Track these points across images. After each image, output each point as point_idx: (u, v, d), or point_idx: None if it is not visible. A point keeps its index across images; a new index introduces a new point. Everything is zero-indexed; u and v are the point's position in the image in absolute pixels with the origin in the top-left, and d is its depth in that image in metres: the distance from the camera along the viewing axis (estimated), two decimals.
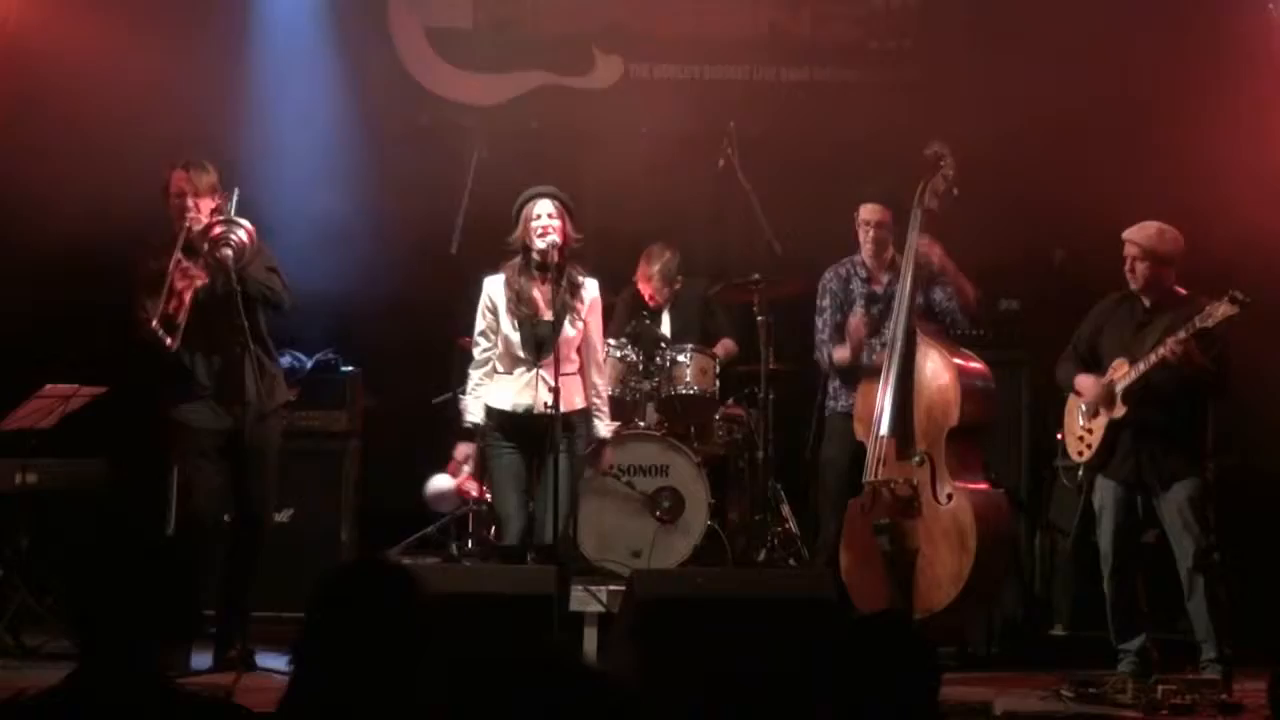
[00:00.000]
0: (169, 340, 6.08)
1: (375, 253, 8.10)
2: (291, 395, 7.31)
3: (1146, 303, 6.42)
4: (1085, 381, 6.44)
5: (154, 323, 6.05)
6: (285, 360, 7.37)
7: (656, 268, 7.87)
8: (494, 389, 6.24)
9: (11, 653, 6.54)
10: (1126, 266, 6.38)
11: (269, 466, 6.38)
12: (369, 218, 8.22)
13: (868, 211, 6.94)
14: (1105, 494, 6.46)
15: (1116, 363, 6.37)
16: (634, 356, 7.53)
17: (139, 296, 6.19)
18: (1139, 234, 6.37)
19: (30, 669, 6.22)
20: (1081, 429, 6.48)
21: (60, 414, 7.02)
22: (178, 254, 6.13)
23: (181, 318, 6.11)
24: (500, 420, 6.22)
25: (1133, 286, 6.41)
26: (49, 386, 7.02)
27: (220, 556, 6.36)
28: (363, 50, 8.55)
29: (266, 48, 8.32)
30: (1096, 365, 6.51)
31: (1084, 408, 6.46)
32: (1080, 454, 6.51)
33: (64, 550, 6.96)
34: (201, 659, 6.23)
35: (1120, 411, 6.31)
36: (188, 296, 6.13)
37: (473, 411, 6.30)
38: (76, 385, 7.05)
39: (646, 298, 7.90)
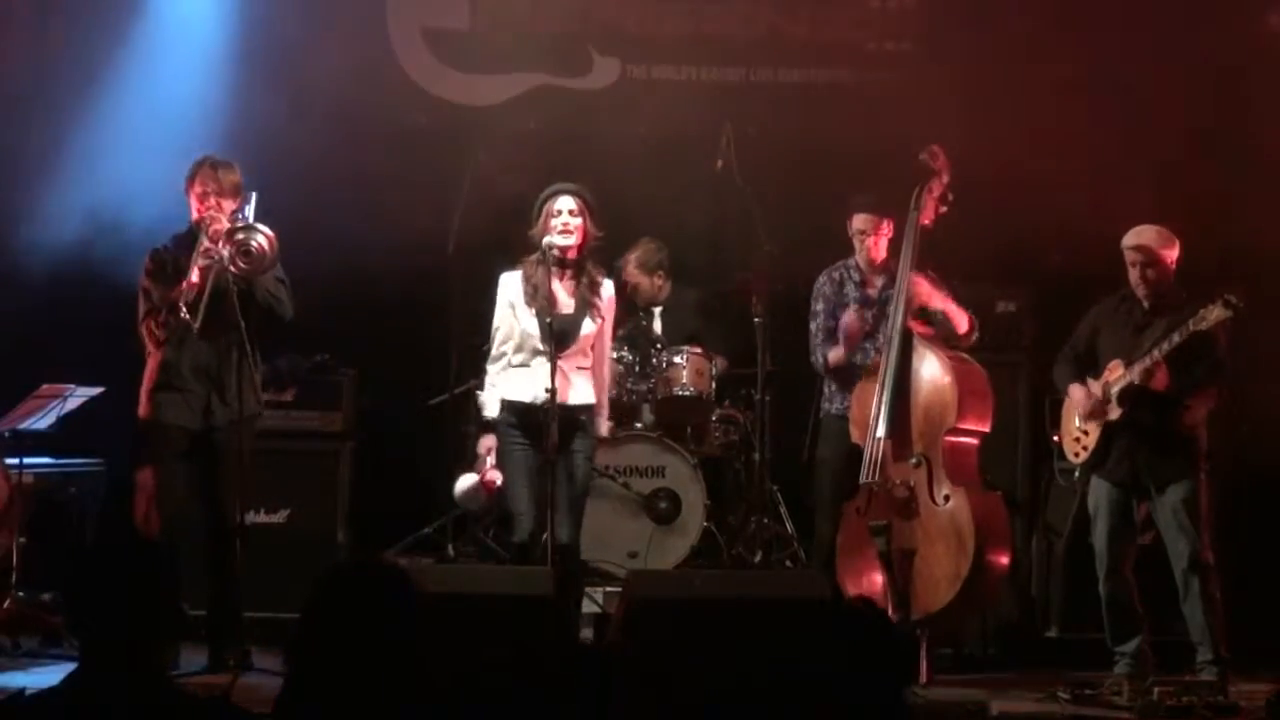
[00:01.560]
0: (192, 321, 6.10)
1: (371, 253, 8.09)
2: (288, 396, 7.33)
3: (1146, 305, 6.42)
4: (1078, 393, 6.45)
5: (180, 304, 6.08)
6: (281, 362, 7.38)
7: (635, 254, 7.88)
8: (512, 381, 6.25)
9: (9, 653, 6.54)
10: (1136, 275, 6.37)
11: (240, 470, 6.28)
12: (365, 218, 8.20)
13: (860, 221, 6.93)
14: (1100, 495, 6.47)
15: (1112, 364, 6.38)
16: (630, 358, 7.53)
17: (148, 288, 6.22)
18: (1143, 239, 6.37)
19: (28, 669, 6.22)
20: (1078, 430, 6.50)
21: (56, 414, 7.02)
22: (203, 239, 6.15)
23: (204, 299, 6.12)
24: (516, 413, 6.22)
25: (1142, 292, 6.40)
26: (45, 386, 7.02)
27: (198, 557, 6.35)
28: (359, 50, 8.54)
29: (259, 46, 8.30)
30: (1094, 365, 6.52)
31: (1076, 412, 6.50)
32: (1076, 455, 6.53)
33: (61, 551, 6.99)
34: (197, 660, 6.23)
35: (1115, 413, 6.33)
36: (209, 278, 6.14)
37: (490, 405, 6.31)
38: (73, 385, 7.05)
39: (628, 289, 7.90)
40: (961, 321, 6.78)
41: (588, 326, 6.25)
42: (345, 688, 2.64)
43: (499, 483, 6.25)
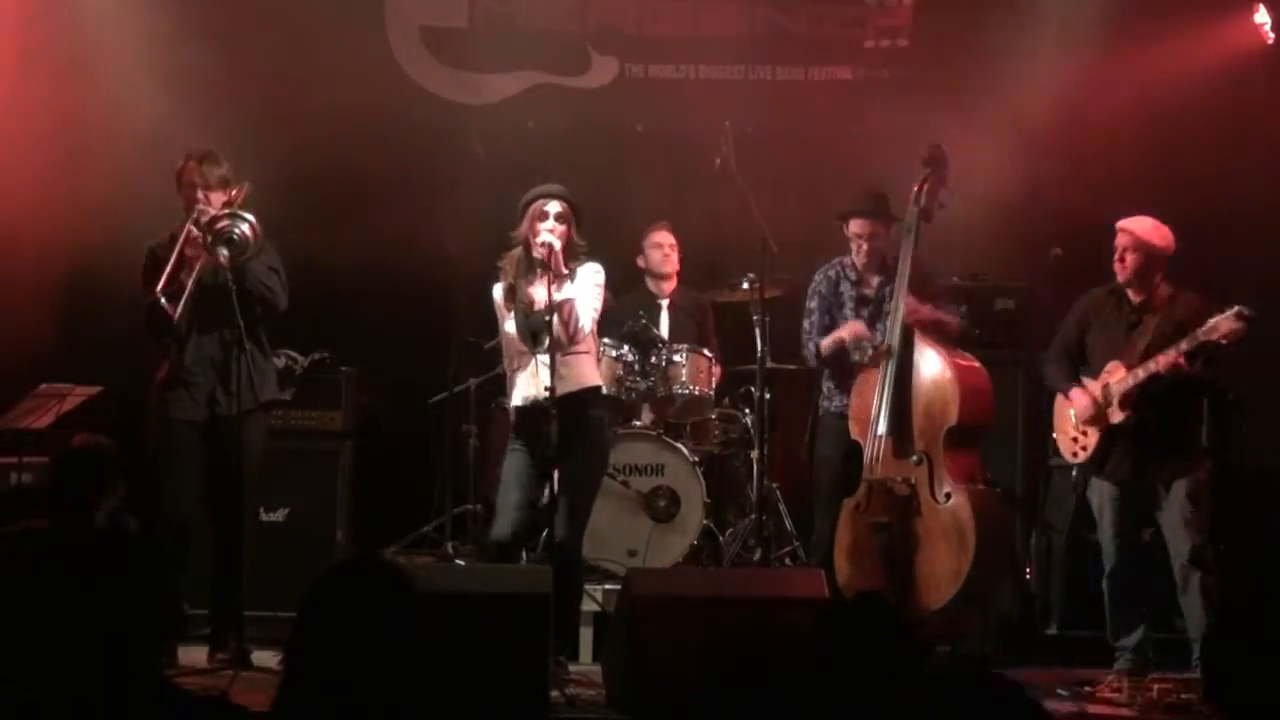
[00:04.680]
0: (171, 309, 6.13)
1: (370, 252, 8.09)
2: (286, 395, 7.31)
3: (1134, 299, 6.41)
4: (1080, 397, 6.42)
5: (157, 289, 6.11)
6: (280, 361, 7.38)
7: (655, 237, 7.89)
8: (513, 386, 6.23)
9: None
10: (1116, 256, 6.39)
11: (249, 464, 6.29)
12: (364, 217, 8.21)
13: (858, 225, 6.91)
14: (1103, 494, 6.46)
15: (1111, 366, 6.36)
16: (630, 356, 7.52)
17: (146, 283, 6.25)
18: (1134, 224, 6.39)
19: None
20: (1076, 430, 6.48)
21: (55, 413, 7.01)
22: (189, 228, 6.19)
23: (189, 289, 6.15)
24: (515, 417, 6.21)
25: (1120, 278, 6.41)
26: (44, 386, 7.02)
27: (207, 555, 6.35)
28: (358, 49, 8.54)
29: (258, 44, 8.30)
30: (1084, 362, 6.51)
31: (1074, 413, 6.47)
32: (1075, 455, 6.51)
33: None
34: (196, 658, 6.22)
35: (1119, 417, 6.31)
36: (196, 265, 6.18)
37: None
38: (71, 385, 7.05)
39: (655, 274, 7.90)
40: (951, 326, 6.77)
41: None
42: (343, 687, 2.64)
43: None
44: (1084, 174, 7.93)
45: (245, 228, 6.12)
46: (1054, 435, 6.72)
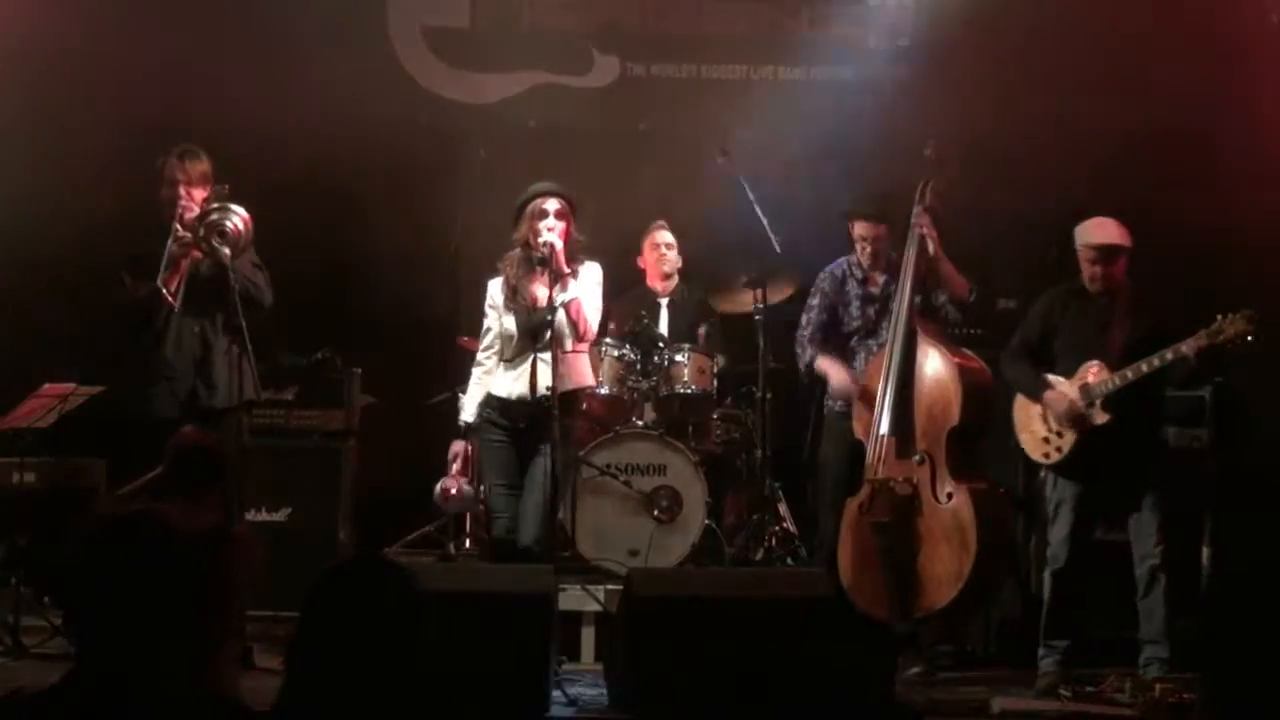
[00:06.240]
0: (172, 300, 6.17)
1: (372, 252, 8.09)
2: (289, 395, 7.32)
3: (1101, 298, 6.34)
4: (1057, 399, 6.30)
5: (159, 281, 6.15)
6: (284, 360, 7.38)
7: (654, 236, 7.88)
8: (495, 379, 6.24)
9: (10, 651, 6.53)
10: (1100, 270, 6.26)
11: (235, 460, 6.25)
12: (366, 217, 8.21)
13: (862, 228, 6.91)
14: (1064, 492, 6.35)
15: (1090, 367, 6.26)
16: (632, 356, 7.52)
17: (120, 275, 6.28)
18: (1113, 237, 6.27)
19: (28, 668, 6.22)
20: (1049, 432, 6.36)
21: (58, 413, 7.01)
22: (177, 226, 6.21)
23: (176, 286, 6.19)
24: (498, 407, 6.20)
25: (1100, 287, 6.29)
26: (47, 386, 7.02)
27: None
28: (360, 48, 8.55)
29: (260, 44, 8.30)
30: (1047, 360, 6.44)
31: (1049, 416, 6.37)
32: (1046, 456, 6.38)
33: (60, 550, 6.97)
34: None
35: (1102, 418, 6.20)
36: (184, 264, 6.22)
37: (467, 410, 6.31)
38: (74, 385, 7.05)
39: (651, 273, 7.89)
40: (957, 280, 6.72)
41: (563, 314, 6.19)
42: (345, 687, 2.64)
43: (454, 492, 6.28)
44: (1086, 174, 7.92)
45: (238, 221, 6.17)
46: (1020, 435, 6.60)
